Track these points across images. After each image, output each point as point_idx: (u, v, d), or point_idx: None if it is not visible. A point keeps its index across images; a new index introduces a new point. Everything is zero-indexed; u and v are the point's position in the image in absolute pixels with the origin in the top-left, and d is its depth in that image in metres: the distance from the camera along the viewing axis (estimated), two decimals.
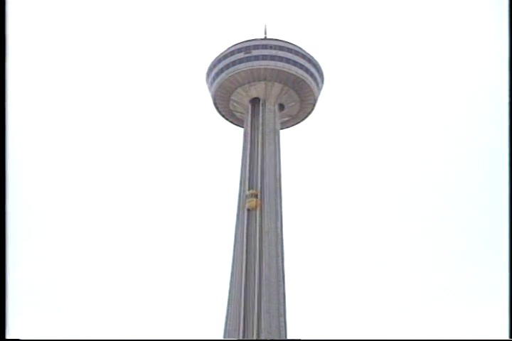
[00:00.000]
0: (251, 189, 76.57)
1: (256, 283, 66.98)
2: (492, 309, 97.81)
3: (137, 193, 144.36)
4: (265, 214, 73.78)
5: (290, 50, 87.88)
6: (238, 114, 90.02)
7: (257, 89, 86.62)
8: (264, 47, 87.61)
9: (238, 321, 64.79)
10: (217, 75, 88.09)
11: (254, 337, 62.70)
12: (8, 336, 29.81)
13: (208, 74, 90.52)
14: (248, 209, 74.71)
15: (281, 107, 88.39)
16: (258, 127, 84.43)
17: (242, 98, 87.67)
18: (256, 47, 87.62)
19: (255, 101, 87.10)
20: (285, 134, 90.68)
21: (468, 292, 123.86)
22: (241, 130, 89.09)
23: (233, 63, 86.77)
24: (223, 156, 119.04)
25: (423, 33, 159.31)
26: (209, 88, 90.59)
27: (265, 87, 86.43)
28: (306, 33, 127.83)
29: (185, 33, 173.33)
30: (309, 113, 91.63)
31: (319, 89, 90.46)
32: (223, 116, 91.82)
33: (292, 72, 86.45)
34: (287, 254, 71.72)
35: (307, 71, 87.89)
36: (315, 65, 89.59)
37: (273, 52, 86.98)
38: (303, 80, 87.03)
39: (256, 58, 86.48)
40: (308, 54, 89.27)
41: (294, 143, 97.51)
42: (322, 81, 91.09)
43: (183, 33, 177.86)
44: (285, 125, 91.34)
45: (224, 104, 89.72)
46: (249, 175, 78.87)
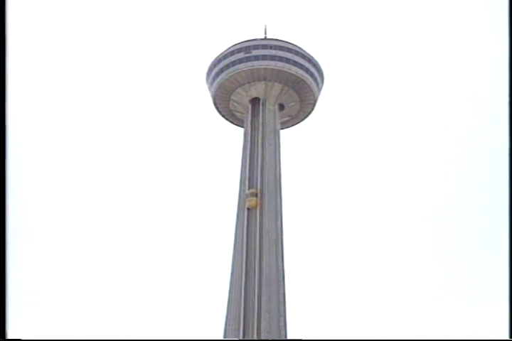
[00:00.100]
0: (251, 188, 76.63)
1: (256, 283, 66.94)
2: (492, 309, 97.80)
3: (137, 193, 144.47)
4: (265, 213, 73.76)
5: (290, 50, 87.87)
6: (238, 114, 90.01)
7: (257, 89, 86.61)
8: (264, 47, 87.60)
9: (238, 321, 64.75)
10: (217, 75, 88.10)
11: (254, 337, 62.65)
12: (8, 336, 29.81)
13: (208, 74, 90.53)
14: (248, 208, 74.72)
15: (281, 107, 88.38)
16: (258, 127, 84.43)
17: (242, 98, 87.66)
18: (256, 47, 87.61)
19: (255, 101, 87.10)
20: (285, 134, 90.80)
21: (468, 292, 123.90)
22: (241, 130, 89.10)
23: (233, 63, 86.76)
24: (223, 156, 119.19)
25: (423, 33, 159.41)
26: (209, 88, 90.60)
27: (265, 87, 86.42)
28: (306, 33, 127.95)
29: (185, 33, 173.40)
30: (309, 113, 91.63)
31: (319, 89, 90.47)
32: (223, 116, 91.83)
33: (292, 72, 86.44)
34: (287, 254, 71.78)
35: (307, 71, 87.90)
36: (315, 65, 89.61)
37: (273, 52, 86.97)
38: (303, 80, 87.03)
39: (256, 58, 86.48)
40: (308, 54, 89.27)
41: (294, 143, 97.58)
42: (322, 81, 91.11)
43: (183, 33, 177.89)
44: (285, 125, 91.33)
45: (224, 104, 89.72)
46: (249, 175, 78.86)
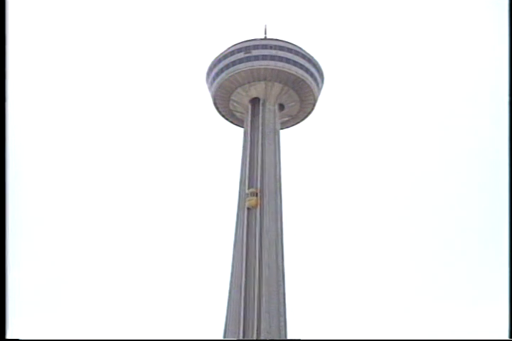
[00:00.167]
0: (251, 188, 76.61)
1: (256, 283, 66.92)
2: (492, 309, 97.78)
3: (137, 193, 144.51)
4: (265, 214, 73.74)
5: (290, 50, 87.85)
6: (238, 114, 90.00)
7: (257, 89, 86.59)
8: (264, 47, 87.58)
9: (238, 321, 64.74)
10: (217, 75, 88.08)
11: (254, 337, 62.66)
12: (8, 336, 29.82)
13: (208, 74, 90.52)
14: (248, 207, 74.74)
15: (281, 107, 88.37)
16: (258, 127, 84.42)
17: (242, 98, 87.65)
18: (256, 47, 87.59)
19: (255, 101, 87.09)
20: (285, 134, 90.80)
21: (468, 292, 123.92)
22: (241, 130, 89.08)
23: (233, 63, 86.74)
24: (223, 156, 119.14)
25: (423, 33, 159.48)
26: (209, 88, 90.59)
27: (265, 87, 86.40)
28: (306, 33, 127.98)
29: (185, 33, 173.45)
30: (309, 113, 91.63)
31: (319, 89, 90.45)
32: (223, 116, 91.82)
33: (292, 72, 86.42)
34: (287, 254, 71.80)
35: (307, 71, 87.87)
36: (315, 65, 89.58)
37: (273, 52, 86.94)
38: (303, 80, 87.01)
39: (256, 58, 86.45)
40: (308, 54, 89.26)
41: (294, 143, 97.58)
42: (322, 81, 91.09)
43: (183, 33, 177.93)
44: (285, 125, 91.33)
45: (224, 104, 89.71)
46: (249, 175, 78.85)
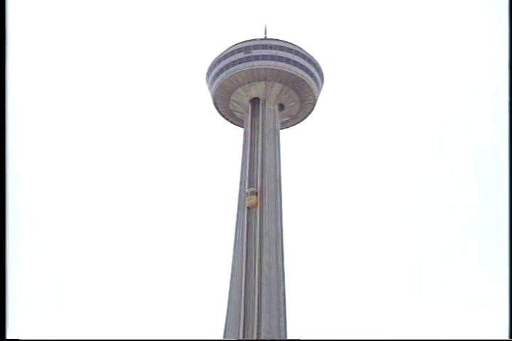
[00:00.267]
0: (251, 187, 76.62)
1: (256, 283, 66.93)
2: (492, 309, 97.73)
3: (137, 193, 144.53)
4: (265, 214, 73.76)
5: (290, 50, 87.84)
6: (238, 114, 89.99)
7: (257, 89, 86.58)
8: (264, 47, 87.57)
9: (238, 321, 64.76)
10: (217, 75, 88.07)
11: (254, 337, 62.66)
12: (8, 336, 29.80)
13: (208, 74, 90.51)
14: (248, 207, 74.78)
15: (281, 107, 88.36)
16: (258, 127, 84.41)
17: (242, 98, 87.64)
18: (256, 47, 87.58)
19: (255, 101, 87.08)
20: (285, 134, 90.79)
21: (468, 292, 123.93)
22: (241, 130, 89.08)
23: (233, 63, 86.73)
24: (223, 156, 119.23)
25: (423, 33, 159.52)
26: (209, 88, 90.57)
27: (265, 87, 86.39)
28: (306, 33, 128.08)
29: (185, 33, 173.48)
30: (309, 113, 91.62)
31: (319, 89, 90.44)
32: (223, 116, 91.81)
33: (292, 72, 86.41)
34: (287, 254, 71.79)
35: (307, 71, 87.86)
36: (315, 65, 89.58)
37: (273, 52, 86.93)
38: (303, 80, 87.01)
39: (256, 58, 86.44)
40: (308, 54, 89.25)
41: (294, 143, 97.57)
42: (322, 81, 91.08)
43: (183, 33, 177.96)
44: (285, 125, 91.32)
45: (224, 104, 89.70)
46: (249, 175, 78.86)
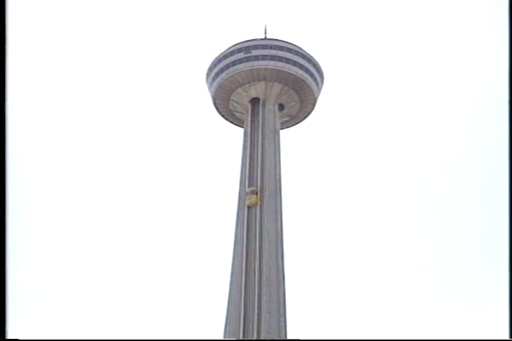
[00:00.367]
0: (251, 186, 76.66)
1: (256, 283, 66.87)
2: (492, 309, 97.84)
3: (137, 193, 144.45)
4: (265, 213, 73.76)
5: (290, 50, 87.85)
6: (238, 114, 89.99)
7: (257, 89, 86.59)
8: (264, 47, 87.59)
9: (238, 321, 64.68)
10: (217, 75, 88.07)
11: (254, 337, 62.61)
12: (8, 336, 29.80)
13: (208, 74, 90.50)
14: (248, 206, 74.83)
15: (281, 107, 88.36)
16: (258, 127, 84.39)
17: (242, 98, 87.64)
18: (256, 47, 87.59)
19: (255, 101, 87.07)
20: (285, 134, 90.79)
21: (468, 292, 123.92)
22: (241, 130, 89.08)
23: (233, 63, 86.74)
24: (223, 156, 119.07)
25: (423, 33, 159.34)
26: (209, 88, 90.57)
27: (265, 87, 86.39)
28: (306, 33, 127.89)
29: (185, 33, 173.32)
30: (309, 113, 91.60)
31: (319, 89, 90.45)
32: (223, 116, 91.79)
33: (292, 72, 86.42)
34: (287, 254, 71.78)
35: (307, 71, 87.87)
36: (315, 65, 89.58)
37: (273, 52, 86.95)
38: (303, 80, 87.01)
39: (256, 58, 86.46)
40: (308, 54, 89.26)
41: (294, 143, 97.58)
42: (322, 81, 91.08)
43: (183, 33, 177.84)
44: (285, 125, 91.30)
45: (224, 104, 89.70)
46: (249, 175, 78.86)
